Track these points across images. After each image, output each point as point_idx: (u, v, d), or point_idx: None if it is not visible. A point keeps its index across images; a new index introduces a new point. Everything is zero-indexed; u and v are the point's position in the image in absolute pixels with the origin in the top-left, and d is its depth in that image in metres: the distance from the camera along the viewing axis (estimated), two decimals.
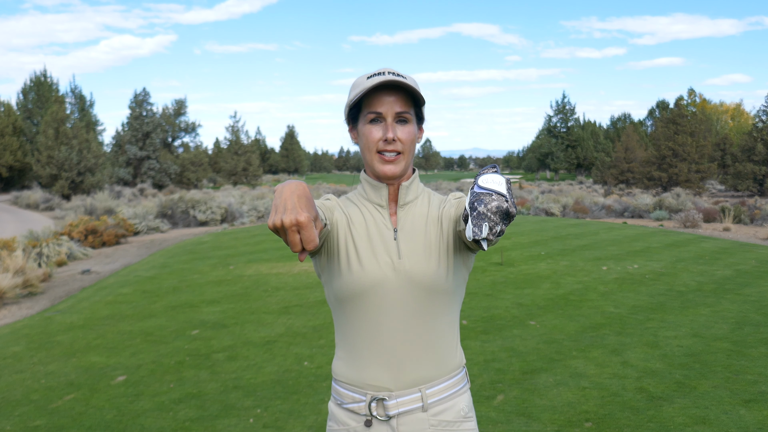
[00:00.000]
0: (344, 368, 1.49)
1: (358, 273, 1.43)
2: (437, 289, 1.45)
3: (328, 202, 1.50)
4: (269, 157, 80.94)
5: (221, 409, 3.89)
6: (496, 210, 1.07)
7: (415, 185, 1.53)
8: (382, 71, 1.43)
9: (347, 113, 1.51)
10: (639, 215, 19.40)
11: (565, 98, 68.51)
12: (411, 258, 1.45)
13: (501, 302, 6.56)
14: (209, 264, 9.47)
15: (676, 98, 41.06)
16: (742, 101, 71.06)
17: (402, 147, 1.44)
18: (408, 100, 1.45)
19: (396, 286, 1.43)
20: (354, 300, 1.44)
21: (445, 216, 1.50)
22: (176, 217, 18.54)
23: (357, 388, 1.46)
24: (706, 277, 7.84)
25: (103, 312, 6.75)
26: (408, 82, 1.41)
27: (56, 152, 31.25)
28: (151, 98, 44.45)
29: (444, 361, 1.47)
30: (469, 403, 1.53)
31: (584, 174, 65.71)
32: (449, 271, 1.46)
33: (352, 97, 1.44)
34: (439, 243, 1.47)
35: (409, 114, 1.45)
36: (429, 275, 1.44)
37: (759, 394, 3.90)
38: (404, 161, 1.46)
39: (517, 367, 4.50)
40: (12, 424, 3.78)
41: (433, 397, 1.45)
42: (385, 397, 1.43)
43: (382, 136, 1.43)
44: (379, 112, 1.42)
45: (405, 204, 1.51)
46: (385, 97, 1.42)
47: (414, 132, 1.47)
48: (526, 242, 10.91)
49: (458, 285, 1.50)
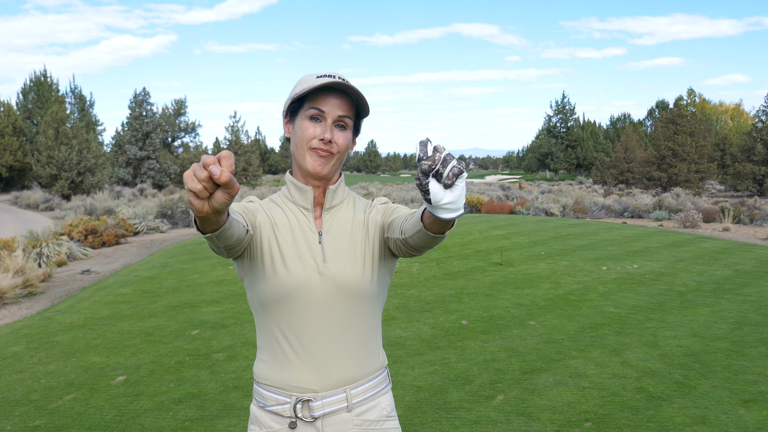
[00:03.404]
0: (268, 370, 1.48)
1: (283, 276, 1.42)
2: (362, 293, 1.46)
3: (251, 204, 1.49)
4: (269, 157, 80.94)
5: (221, 409, 3.90)
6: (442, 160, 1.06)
7: (341, 189, 1.54)
8: (333, 74, 1.44)
9: (287, 105, 1.51)
10: (639, 215, 19.40)
11: (564, 98, 68.53)
12: (336, 262, 1.45)
13: (501, 302, 6.56)
14: (209, 264, 9.47)
15: (675, 98, 41.06)
16: (741, 101, 71.03)
17: (336, 150, 1.45)
18: (351, 107, 1.46)
19: (321, 289, 1.43)
20: (278, 303, 1.44)
21: (371, 221, 1.51)
22: (176, 217, 18.54)
23: (281, 390, 1.45)
24: (706, 277, 7.84)
25: (103, 312, 6.75)
26: (356, 88, 1.43)
27: (56, 152, 31.24)
28: (151, 98, 44.42)
29: (367, 362, 1.49)
30: (391, 402, 1.55)
31: (584, 174, 65.72)
32: (374, 275, 1.48)
33: (298, 90, 1.43)
34: (364, 248, 1.48)
35: (350, 120, 1.46)
36: (354, 279, 1.45)
37: (758, 394, 3.90)
38: (333, 163, 1.46)
39: (516, 367, 4.51)
40: (12, 424, 3.78)
41: (357, 397, 1.46)
42: (310, 398, 1.43)
43: (319, 135, 1.43)
44: (321, 110, 1.43)
45: (330, 207, 1.52)
46: (331, 99, 1.43)
47: (350, 139, 1.48)
48: (525, 242, 10.92)
49: (381, 289, 1.52)
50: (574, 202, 20.85)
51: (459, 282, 7.61)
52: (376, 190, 30.32)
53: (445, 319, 5.90)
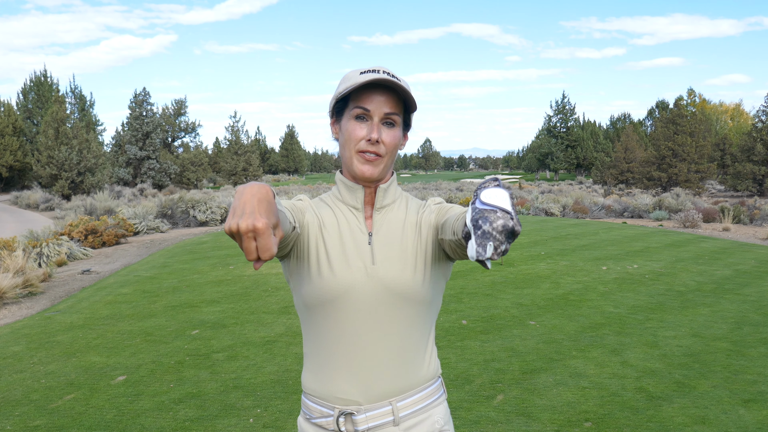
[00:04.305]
0: (312, 380, 1.42)
1: (328, 278, 1.36)
2: (412, 297, 1.38)
3: (300, 202, 1.43)
4: (269, 157, 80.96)
5: (221, 409, 3.90)
6: (501, 229, 0.99)
7: (393, 189, 1.46)
8: (377, 69, 1.36)
9: (332, 106, 1.44)
10: (638, 215, 19.40)
11: (564, 98, 68.52)
12: (385, 264, 1.37)
13: (501, 302, 6.56)
14: (209, 264, 9.47)
15: (675, 98, 41.09)
16: (741, 101, 71.02)
17: (384, 150, 1.36)
18: (398, 103, 1.38)
19: (368, 292, 1.36)
20: (323, 307, 1.37)
21: (424, 222, 1.43)
22: (176, 217, 18.54)
23: (325, 402, 1.39)
24: (706, 277, 7.84)
25: (103, 312, 6.75)
26: (402, 84, 1.35)
27: (56, 152, 31.25)
28: (151, 98, 44.41)
29: (416, 372, 1.40)
30: (446, 414, 1.45)
31: (584, 174, 65.71)
32: (426, 279, 1.39)
33: (341, 89, 1.36)
34: (416, 250, 1.40)
35: (398, 117, 1.38)
36: (404, 282, 1.37)
37: (758, 393, 3.90)
38: (384, 165, 1.38)
39: (516, 367, 4.51)
40: (12, 424, 3.78)
41: (405, 410, 1.38)
42: (353, 411, 1.36)
43: (365, 135, 1.35)
44: (367, 109, 1.34)
45: (381, 207, 1.44)
46: (376, 96, 1.35)
47: (399, 137, 1.40)
48: (526, 242, 10.92)
49: (435, 294, 1.43)
50: (574, 202, 20.85)
51: (459, 282, 7.61)
52: None
53: (445, 319, 5.90)
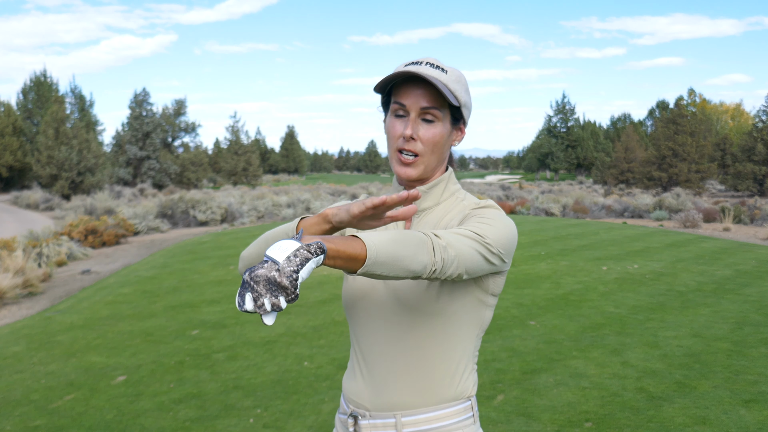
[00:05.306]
0: (345, 377, 1.46)
1: (351, 281, 1.38)
2: (424, 310, 1.29)
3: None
4: (269, 157, 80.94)
5: (221, 409, 3.89)
6: (260, 279, 0.89)
7: (436, 191, 1.36)
8: (420, 61, 1.29)
9: (382, 101, 1.39)
10: (639, 215, 19.40)
11: (565, 98, 68.59)
12: None
13: (501, 302, 6.55)
14: (209, 264, 9.47)
15: (676, 98, 41.11)
16: (742, 101, 71.09)
17: (421, 148, 1.29)
18: (439, 96, 1.28)
19: (382, 300, 1.32)
20: (348, 309, 1.40)
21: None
22: (176, 217, 18.54)
23: (344, 400, 1.42)
24: (706, 277, 7.84)
25: (103, 312, 6.75)
26: (437, 75, 1.26)
27: (56, 152, 31.25)
28: (151, 98, 44.48)
29: (432, 388, 1.31)
30: None
31: (584, 174, 65.71)
32: (443, 292, 1.28)
33: (379, 83, 1.30)
34: None
35: (438, 112, 1.28)
36: (414, 293, 1.28)
37: (759, 394, 3.90)
38: (424, 164, 1.31)
39: (517, 367, 4.50)
40: (12, 424, 3.78)
41: (411, 426, 1.30)
42: (360, 414, 1.35)
43: (402, 132, 1.29)
44: (403, 104, 1.28)
45: (420, 211, 1.36)
46: (413, 90, 1.28)
47: (441, 133, 1.30)
48: (526, 242, 10.92)
49: (458, 308, 1.30)
50: (574, 202, 20.85)
51: None
52: (376, 190, 30.30)
53: None
